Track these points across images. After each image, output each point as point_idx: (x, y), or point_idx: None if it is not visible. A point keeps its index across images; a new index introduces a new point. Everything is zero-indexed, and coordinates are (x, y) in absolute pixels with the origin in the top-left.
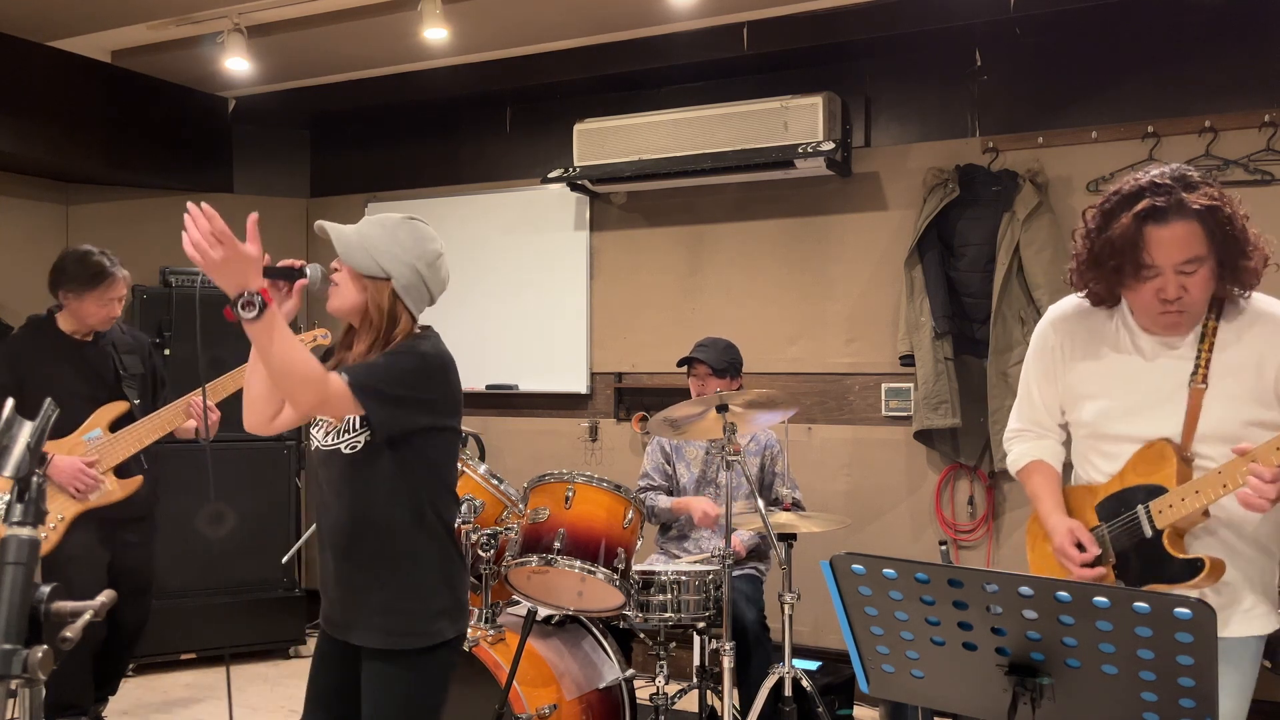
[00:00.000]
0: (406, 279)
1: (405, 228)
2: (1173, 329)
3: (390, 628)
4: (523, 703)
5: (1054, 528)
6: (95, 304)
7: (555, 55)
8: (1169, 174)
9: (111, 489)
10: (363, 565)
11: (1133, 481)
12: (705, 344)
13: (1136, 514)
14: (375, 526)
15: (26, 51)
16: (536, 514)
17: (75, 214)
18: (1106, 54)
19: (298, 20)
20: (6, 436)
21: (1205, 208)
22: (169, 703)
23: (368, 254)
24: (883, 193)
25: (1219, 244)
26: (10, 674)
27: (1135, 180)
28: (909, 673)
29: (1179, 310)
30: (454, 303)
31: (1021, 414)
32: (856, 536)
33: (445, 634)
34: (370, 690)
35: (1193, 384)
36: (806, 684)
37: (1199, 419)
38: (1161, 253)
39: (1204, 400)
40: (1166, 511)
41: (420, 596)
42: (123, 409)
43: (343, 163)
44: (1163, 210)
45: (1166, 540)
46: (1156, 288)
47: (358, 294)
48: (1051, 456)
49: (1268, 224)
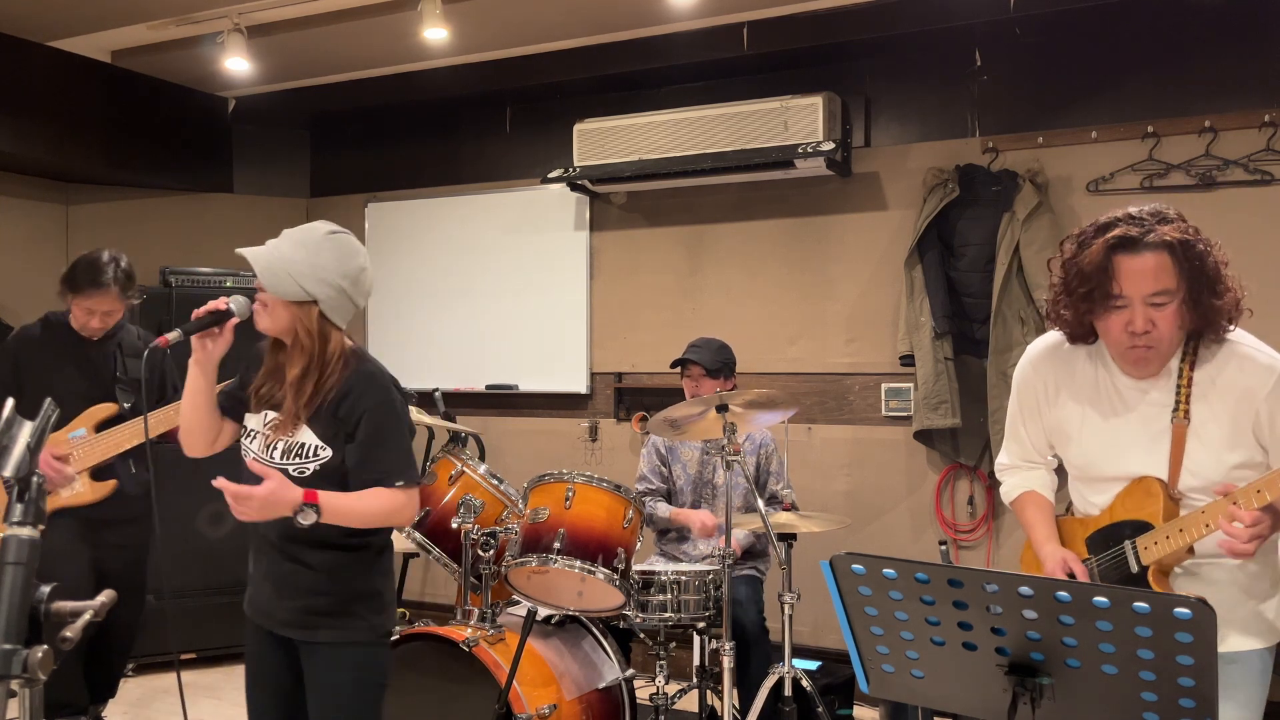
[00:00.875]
0: (331, 299)
1: (328, 246)
2: (1141, 364)
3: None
4: (523, 703)
5: (1047, 557)
6: (79, 308)
7: (555, 55)
8: (1146, 210)
9: (81, 490)
10: (306, 569)
11: (1121, 516)
12: (698, 344)
13: (1123, 549)
14: (317, 536)
15: (26, 51)
16: (536, 514)
17: (75, 214)
18: (1106, 54)
19: (298, 20)
20: (6, 436)
21: (1178, 241)
22: (168, 702)
23: (291, 279)
24: (883, 193)
25: (1190, 280)
26: (10, 674)
27: (1110, 213)
28: (909, 673)
29: (1146, 345)
30: (454, 303)
31: (1011, 451)
32: (856, 536)
33: (388, 630)
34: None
35: (1175, 420)
36: (806, 684)
37: (1184, 456)
38: (1130, 283)
39: (1187, 436)
40: (1152, 548)
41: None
42: (111, 411)
43: (343, 163)
44: (1134, 240)
45: (1151, 577)
46: (1125, 320)
47: (286, 318)
48: (1043, 487)
49: (1268, 224)
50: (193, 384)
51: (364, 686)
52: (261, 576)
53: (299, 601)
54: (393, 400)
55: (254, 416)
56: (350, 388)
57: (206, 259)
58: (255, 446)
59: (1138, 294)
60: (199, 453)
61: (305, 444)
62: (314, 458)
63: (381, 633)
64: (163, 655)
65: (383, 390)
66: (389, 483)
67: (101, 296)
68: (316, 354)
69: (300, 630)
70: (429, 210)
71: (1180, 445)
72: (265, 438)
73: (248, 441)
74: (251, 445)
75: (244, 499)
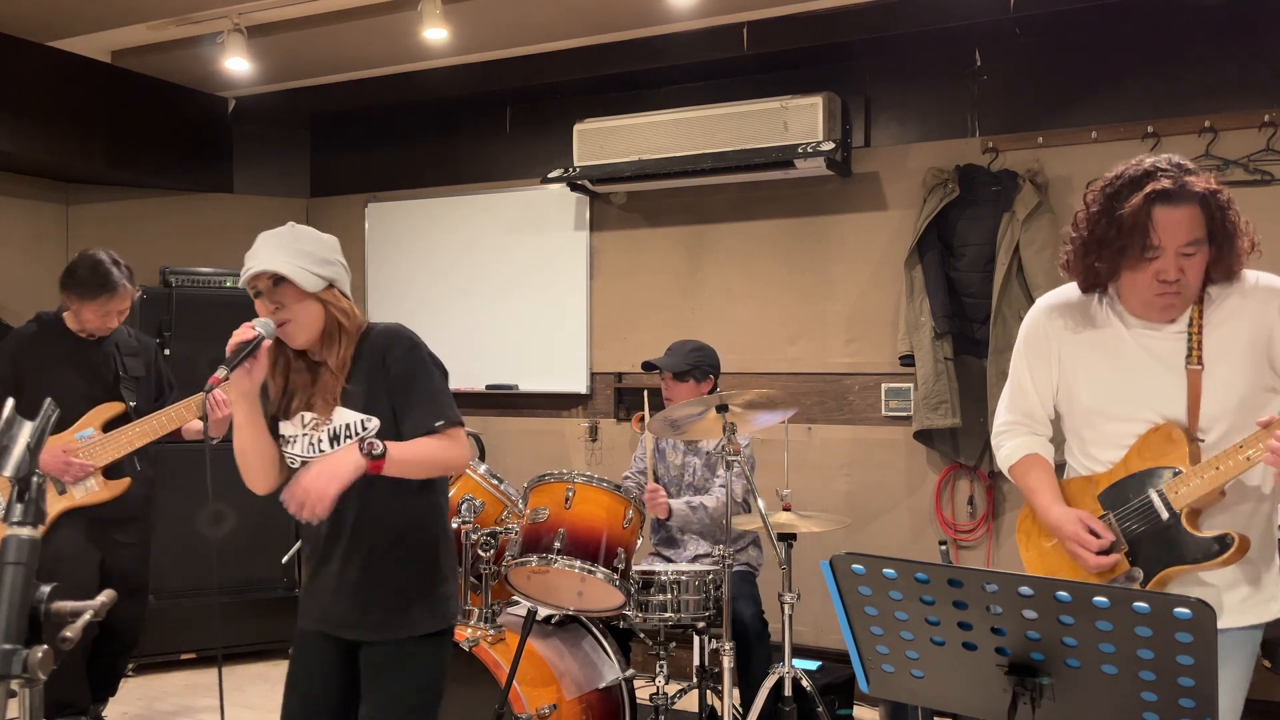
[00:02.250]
0: (339, 275)
1: (301, 235)
2: (1168, 310)
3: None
4: (523, 703)
5: (1060, 518)
6: (93, 313)
7: (555, 55)
8: (1171, 161)
9: (97, 488)
10: (390, 563)
11: (1138, 467)
12: (671, 348)
13: (1149, 498)
14: (403, 525)
15: (26, 51)
16: (536, 514)
17: (75, 214)
18: (1106, 54)
19: (298, 20)
20: (6, 436)
21: (1207, 191)
22: (169, 702)
23: (308, 273)
24: (883, 193)
25: (1216, 228)
26: (10, 674)
27: (1137, 165)
28: (909, 673)
29: (1175, 292)
30: (454, 303)
31: (1013, 405)
32: (856, 536)
33: (453, 615)
34: (387, 677)
35: (1189, 366)
36: (806, 684)
37: (1201, 401)
38: (1167, 234)
39: (1202, 381)
40: (1184, 492)
41: (434, 583)
42: (118, 410)
43: (343, 163)
44: (1171, 192)
45: (1185, 520)
46: (1157, 269)
47: (317, 314)
48: (1044, 451)
49: (1268, 224)
50: (242, 418)
51: (422, 687)
52: (320, 581)
53: (356, 599)
54: (415, 346)
55: (289, 423)
56: (372, 346)
57: (206, 259)
58: (298, 450)
59: (1173, 245)
60: (270, 486)
61: (350, 423)
62: (364, 430)
63: (444, 624)
64: (163, 655)
65: (403, 340)
66: (429, 422)
67: (118, 298)
68: (351, 328)
69: (358, 630)
70: (429, 210)
71: (1196, 391)
72: (307, 437)
73: (290, 449)
74: (294, 451)
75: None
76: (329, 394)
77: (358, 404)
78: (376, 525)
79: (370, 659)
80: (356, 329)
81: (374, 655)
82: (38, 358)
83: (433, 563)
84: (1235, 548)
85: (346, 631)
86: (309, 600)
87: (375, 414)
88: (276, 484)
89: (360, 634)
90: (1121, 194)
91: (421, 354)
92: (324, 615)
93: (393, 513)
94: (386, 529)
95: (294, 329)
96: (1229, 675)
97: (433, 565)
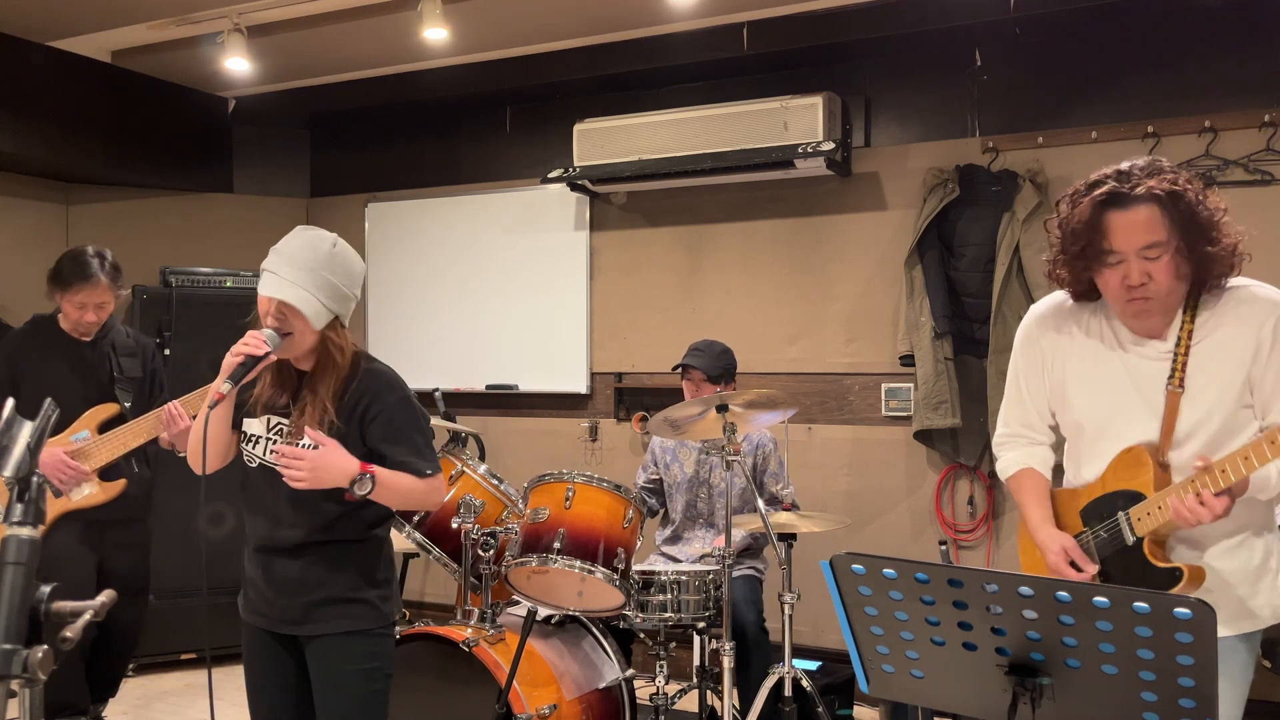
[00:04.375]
0: (347, 309)
1: (339, 261)
2: (1142, 316)
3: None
4: (523, 703)
5: (1045, 544)
6: (70, 305)
7: (555, 55)
8: (1139, 164)
9: (93, 491)
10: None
11: (1113, 486)
12: (700, 348)
13: (1118, 520)
14: (333, 530)
15: (26, 51)
16: (536, 514)
17: (75, 214)
18: (1106, 54)
19: (298, 20)
20: (6, 436)
21: (1166, 192)
22: (168, 702)
23: (321, 305)
24: (882, 193)
25: (1182, 229)
26: (10, 674)
27: (1101, 170)
28: (909, 673)
29: (1144, 297)
30: (454, 303)
31: (1011, 417)
32: (856, 536)
33: (394, 616)
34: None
35: (1169, 388)
36: (806, 684)
37: (1175, 424)
38: (1121, 238)
39: (1180, 404)
40: (1145, 519)
41: (378, 584)
42: (113, 411)
43: (343, 163)
44: (1122, 195)
45: (1146, 549)
46: (1122, 274)
47: (314, 341)
48: (1040, 464)
49: (1268, 224)
50: (221, 413)
51: (371, 676)
52: (260, 578)
53: (302, 597)
54: (407, 399)
55: (255, 421)
56: (363, 388)
57: (206, 259)
58: (259, 451)
59: (1130, 247)
60: (211, 470)
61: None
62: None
63: (387, 620)
64: (163, 655)
65: (395, 389)
66: (419, 471)
67: (92, 289)
68: (346, 363)
69: (304, 625)
70: (429, 210)
71: (1173, 413)
72: (270, 441)
73: (250, 447)
74: (254, 450)
75: (297, 460)
76: (312, 421)
77: (330, 433)
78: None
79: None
80: (347, 363)
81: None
82: (33, 358)
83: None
84: (1185, 580)
85: (288, 628)
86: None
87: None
88: (215, 470)
89: (303, 630)
90: (1077, 200)
91: (413, 406)
92: (264, 612)
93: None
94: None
95: (289, 344)
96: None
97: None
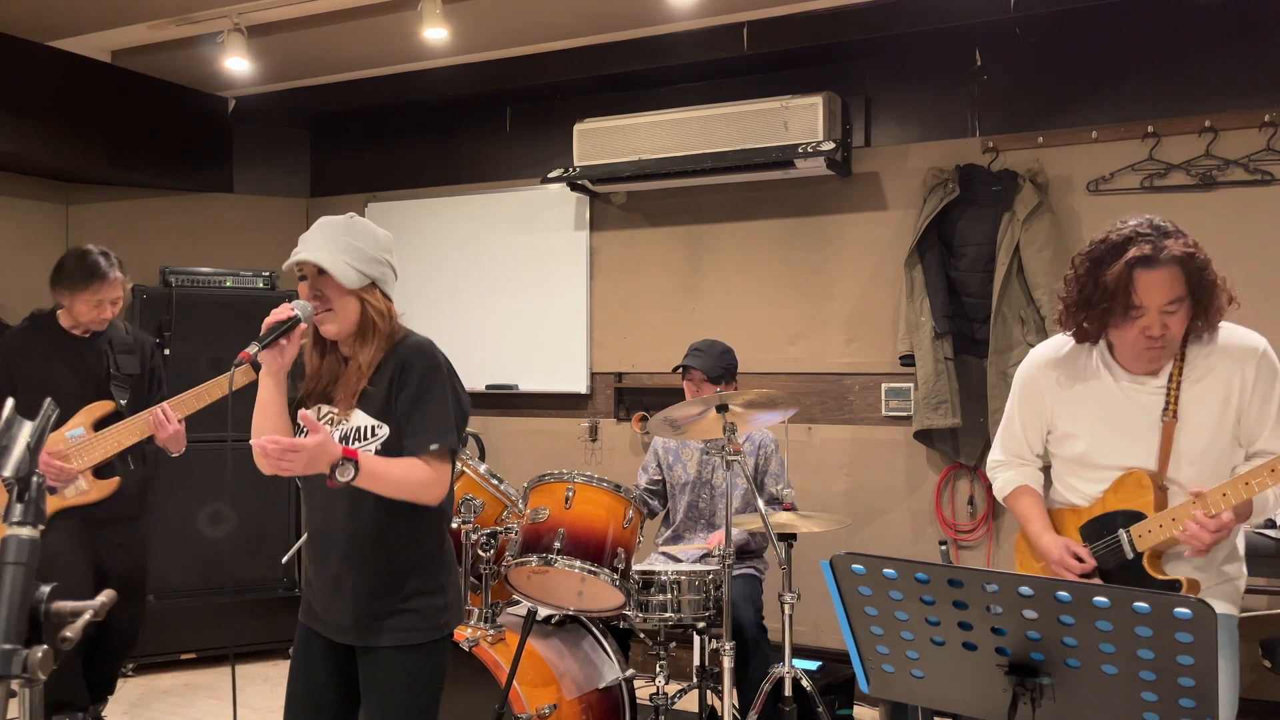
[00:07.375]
0: (384, 274)
1: (357, 228)
2: (1154, 361)
3: (410, 625)
4: (523, 703)
5: (1048, 545)
6: (86, 304)
7: (555, 55)
8: (1147, 224)
9: (86, 488)
10: (383, 569)
11: (1113, 506)
12: (701, 349)
13: (1119, 537)
14: (388, 534)
15: (26, 51)
16: (536, 514)
17: (75, 214)
18: (1106, 54)
19: (298, 20)
20: (6, 436)
21: (1185, 254)
22: (168, 702)
23: (350, 268)
24: (883, 193)
25: (1195, 285)
26: (10, 674)
27: (1119, 230)
28: (909, 673)
29: (1160, 346)
30: (454, 302)
31: (1005, 445)
32: (856, 536)
33: (451, 627)
34: (380, 684)
35: (1164, 419)
36: (806, 684)
37: (1171, 451)
38: (1149, 295)
39: (1175, 434)
40: (1145, 536)
41: (432, 594)
42: (108, 409)
43: (343, 163)
44: (1150, 257)
45: (1146, 562)
46: (1143, 326)
47: (354, 310)
48: (1034, 482)
49: (1268, 224)
50: (266, 396)
51: (420, 692)
52: (321, 581)
53: (355, 604)
54: (437, 366)
55: (308, 412)
56: (400, 356)
57: (206, 259)
58: None
59: (1155, 303)
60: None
61: (361, 426)
62: (373, 437)
63: (442, 633)
64: (162, 655)
65: (426, 356)
66: (425, 444)
67: (109, 286)
68: (387, 333)
69: (356, 634)
70: (429, 210)
71: (1169, 442)
72: None
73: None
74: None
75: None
76: (350, 391)
77: (373, 408)
78: (371, 529)
79: (366, 665)
80: (391, 332)
81: (369, 661)
82: (32, 357)
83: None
84: (1184, 591)
85: (338, 635)
86: (307, 598)
87: (387, 422)
88: None
89: (353, 639)
90: (1105, 260)
91: (441, 375)
92: (319, 617)
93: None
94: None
95: (328, 319)
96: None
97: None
